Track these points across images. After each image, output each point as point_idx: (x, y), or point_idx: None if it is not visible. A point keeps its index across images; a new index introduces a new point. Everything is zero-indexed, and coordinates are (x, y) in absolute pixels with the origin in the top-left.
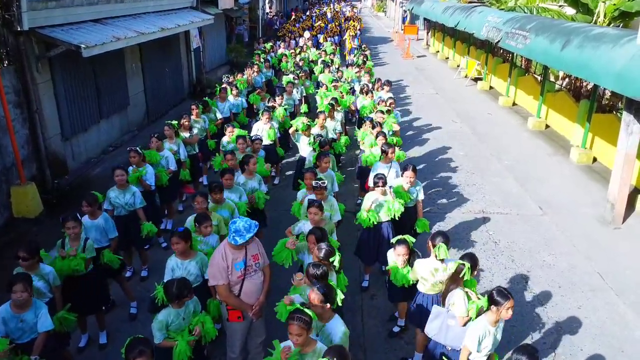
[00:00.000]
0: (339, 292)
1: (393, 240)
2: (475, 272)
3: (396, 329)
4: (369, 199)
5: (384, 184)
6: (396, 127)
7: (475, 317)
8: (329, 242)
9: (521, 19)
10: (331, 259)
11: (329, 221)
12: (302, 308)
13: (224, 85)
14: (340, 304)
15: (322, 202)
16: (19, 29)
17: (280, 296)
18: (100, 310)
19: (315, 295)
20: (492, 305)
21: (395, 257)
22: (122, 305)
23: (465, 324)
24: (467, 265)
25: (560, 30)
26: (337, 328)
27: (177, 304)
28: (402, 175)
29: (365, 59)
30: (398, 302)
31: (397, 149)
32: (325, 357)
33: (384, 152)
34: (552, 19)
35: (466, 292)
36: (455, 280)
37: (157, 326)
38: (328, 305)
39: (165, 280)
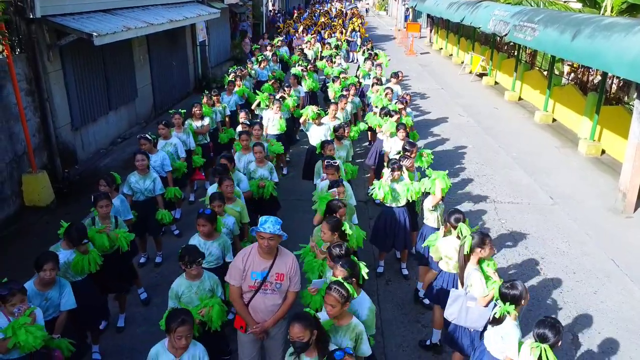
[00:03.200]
0: (362, 266)
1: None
2: (489, 248)
3: (422, 293)
4: (386, 174)
5: (399, 168)
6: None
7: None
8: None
9: (529, 12)
10: (343, 228)
11: (348, 204)
12: (342, 281)
13: (231, 78)
14: (366, 278)
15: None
16: (31, 17)
17: None
18: (122, 291)
19: (340, 272)
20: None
21: None
22: (132, 291)
23: (487, 305)
24: (469, 238)
25: (569, 21)
26: (363, 304)
27: (189, 275)
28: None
29: (371, 52)
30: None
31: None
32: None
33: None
34: (560, 11)
35: (483, 270)
36: (467, 257)
37: (169, 294)
38: (354, 279)
39: None
